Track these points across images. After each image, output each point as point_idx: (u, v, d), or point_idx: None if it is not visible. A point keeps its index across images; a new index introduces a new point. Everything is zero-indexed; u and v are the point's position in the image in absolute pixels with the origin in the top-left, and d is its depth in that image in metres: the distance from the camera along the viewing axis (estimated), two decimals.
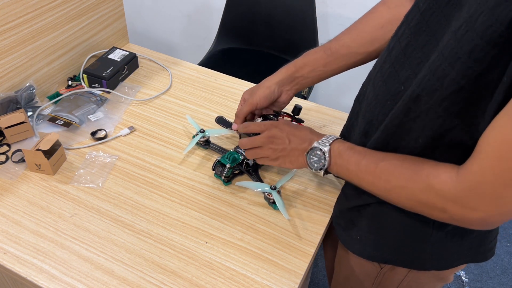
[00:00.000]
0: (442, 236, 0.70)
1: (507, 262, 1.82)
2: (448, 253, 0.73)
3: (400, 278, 0.79)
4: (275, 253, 0.79)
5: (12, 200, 0.85)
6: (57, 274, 0.73)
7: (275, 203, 0.84)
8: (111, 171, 0.92)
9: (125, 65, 1.16)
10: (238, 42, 1.88)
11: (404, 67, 0.63)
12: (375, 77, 0.71)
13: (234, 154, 0.90)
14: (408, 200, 0.62)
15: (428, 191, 0.58)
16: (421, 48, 0.60)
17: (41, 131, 1.00)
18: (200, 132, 0.97)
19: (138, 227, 0.82)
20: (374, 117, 0.70)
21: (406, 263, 0.76)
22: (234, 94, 1.15)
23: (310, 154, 0.74)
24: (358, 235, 0.78)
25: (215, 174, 0.91)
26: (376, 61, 0.74)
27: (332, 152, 0.72)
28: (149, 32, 2.37)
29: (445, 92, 0.54)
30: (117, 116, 1.05)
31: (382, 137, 0.67)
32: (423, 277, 0.78)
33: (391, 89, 0.65)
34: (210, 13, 2.11)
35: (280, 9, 1.76)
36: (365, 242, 0.77)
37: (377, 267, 0.79)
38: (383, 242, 0.75)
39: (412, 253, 0.74)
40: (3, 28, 0.93)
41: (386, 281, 0.80)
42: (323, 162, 0.72)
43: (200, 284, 0.74)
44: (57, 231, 0.80)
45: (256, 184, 0.88)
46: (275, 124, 0.81)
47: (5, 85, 0.99)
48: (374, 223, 0.75)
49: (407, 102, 0.60)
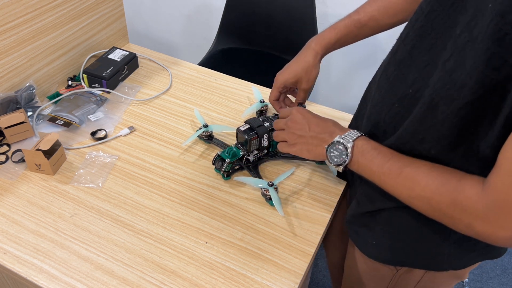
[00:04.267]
0: (459, 237, 0.68)
1: (507, 262, 1.82)
2: (465, 252, 0.72)
3: (416, 280, 0.78)
4: (275, 253, 0.79)
5: (12, 200, 0.85)
6: (57, 274, 0.73)
7: (271, 200, 0.84)
8: (111, 171, 0.92)
9: (125, 65, 1.16)
10: (238, 42, 1.88)
11: (411, 70, 0.63)
12: (380, 79, 0.70)
13: (234, 149, 0.90)
14: (434, 211, 0.60)
15: (454, 206, 0.57)
16: (428, 51, 0.60)
17: (41, 131, 1.00)
18: (204, 126, 0.98)
19: (138, 227, 0.82)
20: (380, 119, 0.69)
21: (423, 265, 0.75)
22: (234, 94, 1.15)
23: (331, 148, 0.72)
24: (373, 239, 0.77)
25: (215, 169, 0.92)
26: (381, 63, 0.73)
27: (355, 149, 0.69)
28: (149, 32, 2.37)
29: (462, 102, 0.53)
30: (117, 116, 1.05)
31: (396, 145, 0.66)
32: (440, 277, 0.77)
33: (398, 92, 0.65)
34: (210, 13, 2.11)
35: (280, 9, 1.76)
36: (380, 246, 0.76)
37: (393, 270, 0.78)
38: (399, 246, 0.75)
39: (429, 255, 0.73)
40: (3, 28, 0.93)
41: (401, 282, 0.80)
42: (344, 158, 0.69)
43: (200, 284, 0.74)
44: (57, 231, 0.80)
45: (254, 180, 0.88)
46: (299, 110, 0.80)
47: (5, 85, 0.99)
48: (389, 227, 0.74)
49: (425, 110, 0.59)
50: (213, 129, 0.99)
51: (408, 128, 0.63)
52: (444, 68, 0.56)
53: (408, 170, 0.62)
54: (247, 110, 1.06)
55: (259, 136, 0.89)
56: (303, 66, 0.89)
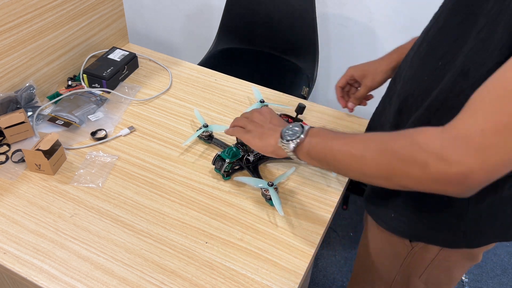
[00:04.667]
0: (477, 213, 0.70)
1: (507, 262, 1.82)
2: (481, 231, 0.73)
3: (430, 257, 0.79)
4: (275, 253, 0.79)
5: (12, 200, 0.85)
6: (57, 274, 0.73)
7: (271, 200, 0.84)
8: (111, 171, 0.92)
9: (125, 65, 1.16)
10: (238, 42, 1.88)
11: (441, 44, 0.65)
12: (412, 57, 0.73)
13: (234, 149, 0.91)
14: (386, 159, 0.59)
15: (410, 146, 0.56)
16: (458, 26, 0.62)
17: (41, 131, 1.00)
18: (204, 126, 0.98)
19: (138, 227, 0.82)
20: (409, 94, 0.70)
21: (439, 240, 0.76)
22: (234, 94, 1.15)
23: (287, 129, 0.73)
24: (393, 212, 0.78)
25: (215, 169, 0.92)
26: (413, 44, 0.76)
27: (310, 131, 0.71)
28: (149, 32, 2.37)
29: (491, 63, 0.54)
30: (117, 116, 1.05)
31: (425, 115, 0.66)
32: (454, 256, 0.79)
33: (428, 66, 0.67)
34: (210, 13, 2.11)
35: (280, 9, 1.76)
36: (399, 219, 0.78)
37: (408, 247, 0.80)
38: (417, 219, 0.76)
39: (447, 230, 0.74)
40: (3, 28, 0.93)
41: (416, 261, 0.81)
42: (298, 135, 0.70)
43: (200, 284, 0.74)
44: (57, 231, 0.80)
45: (254, 180, 0.88)
46: (267, 108, 0.85)
47: (5, 85, 0.99)
48: (410, 199, 0.75)
49: (456, 77, 0.60)
50: (213, 129, 0.99)
51: (439, 97, 0.63)
52: (477, 37, 0.57)
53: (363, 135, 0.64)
54: (246, 110, 1.06)
55: None
56: (374, 67, 0.96)
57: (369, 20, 1.77)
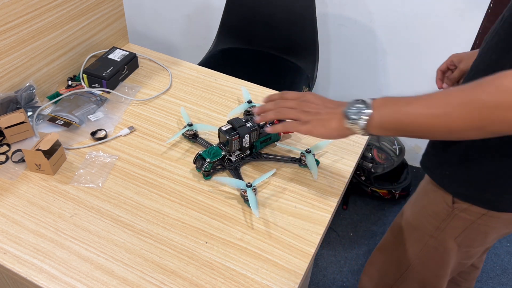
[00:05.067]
0: None
1: (507, 262, 1.82)
2: None
3: (471, 219, 0.82)
4: (275, 253, 0.79)
5: (12, 200, 0.85)
6: (57, 274, 0.74)
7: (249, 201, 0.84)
8: (111, 171, 0.92)
9: (125, 65, 1.16)
10: (238, 42, 1.88)
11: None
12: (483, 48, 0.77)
13: (216, 149, 0.91)
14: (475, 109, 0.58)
15: (498, 92, 0.55)
16: None
17: (41, 131, 1.00)
18: (188, 125, 0.99)
19: (138, 227, 0.82)
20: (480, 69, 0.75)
21: (484, 202, 0.78)
22: (234, 94, 1.15)
23: (348, 108, 0.70)
24: (448, 170, 0.80)
25: (196, 168, 0.91)
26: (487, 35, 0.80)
27: (375, 102, 0.68)
28: (149, 32, 2.37)
29: None
30: (117, 116, 1.06)
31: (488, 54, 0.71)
32: (494, 222, 0.81)
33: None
34: (210, 13, 2.11)
35: (280, 9, 1.76)
36: (452, 177, 0.80)
37: (449, 208, 0.82)
38: (468, 178, 0.78)
39: (494, 191, 0.76)
40: (3, 28, 0.93)
41: (455, 223, 0.84)
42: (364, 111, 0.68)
43: (200, 284, 0.74)
44: (57, 231, 0.80)
45: (232, 180, 0.88)
46: (311, 92, 0.81)
47: (5, 85, 0.99)
48: (465, 160, 0.76)
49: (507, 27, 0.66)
50: (197, 128, 1.00)
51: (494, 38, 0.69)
52: None
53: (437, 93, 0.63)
54: (233, 110, 1.07)
55: (241, 136, 0.89)
56: (472, 53, 0.99)
57: (369, 20, 1.77)
